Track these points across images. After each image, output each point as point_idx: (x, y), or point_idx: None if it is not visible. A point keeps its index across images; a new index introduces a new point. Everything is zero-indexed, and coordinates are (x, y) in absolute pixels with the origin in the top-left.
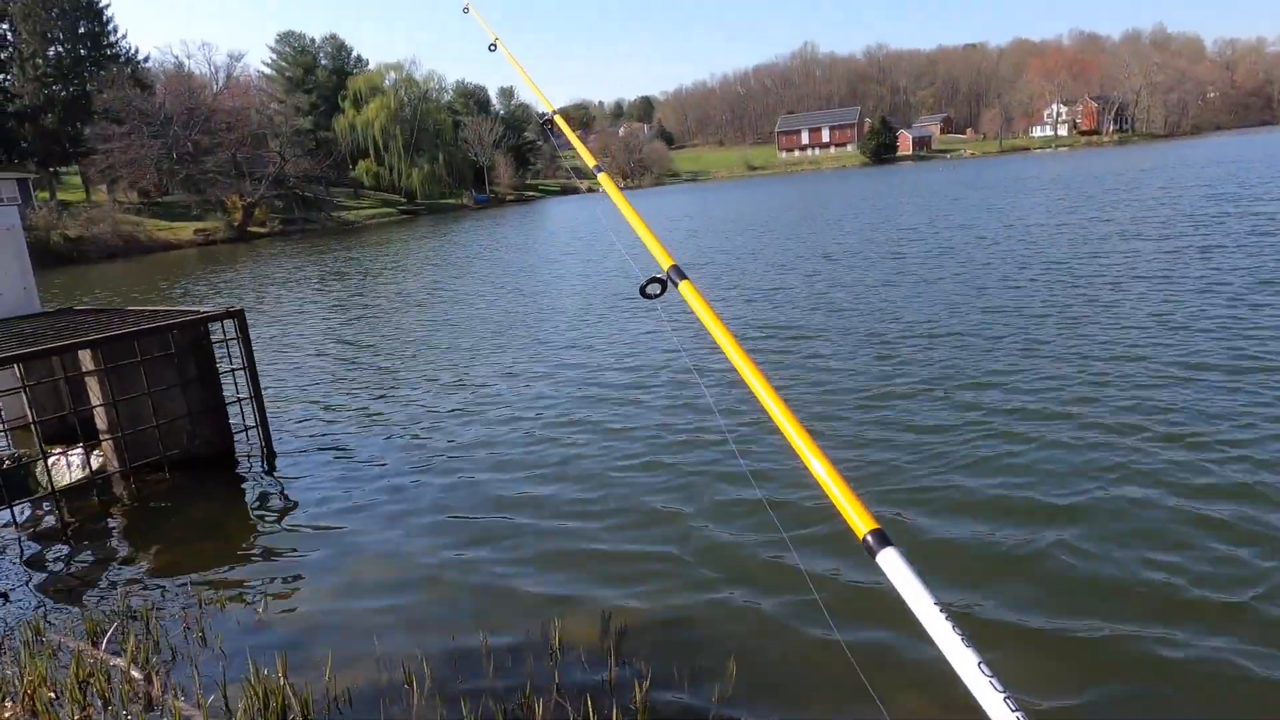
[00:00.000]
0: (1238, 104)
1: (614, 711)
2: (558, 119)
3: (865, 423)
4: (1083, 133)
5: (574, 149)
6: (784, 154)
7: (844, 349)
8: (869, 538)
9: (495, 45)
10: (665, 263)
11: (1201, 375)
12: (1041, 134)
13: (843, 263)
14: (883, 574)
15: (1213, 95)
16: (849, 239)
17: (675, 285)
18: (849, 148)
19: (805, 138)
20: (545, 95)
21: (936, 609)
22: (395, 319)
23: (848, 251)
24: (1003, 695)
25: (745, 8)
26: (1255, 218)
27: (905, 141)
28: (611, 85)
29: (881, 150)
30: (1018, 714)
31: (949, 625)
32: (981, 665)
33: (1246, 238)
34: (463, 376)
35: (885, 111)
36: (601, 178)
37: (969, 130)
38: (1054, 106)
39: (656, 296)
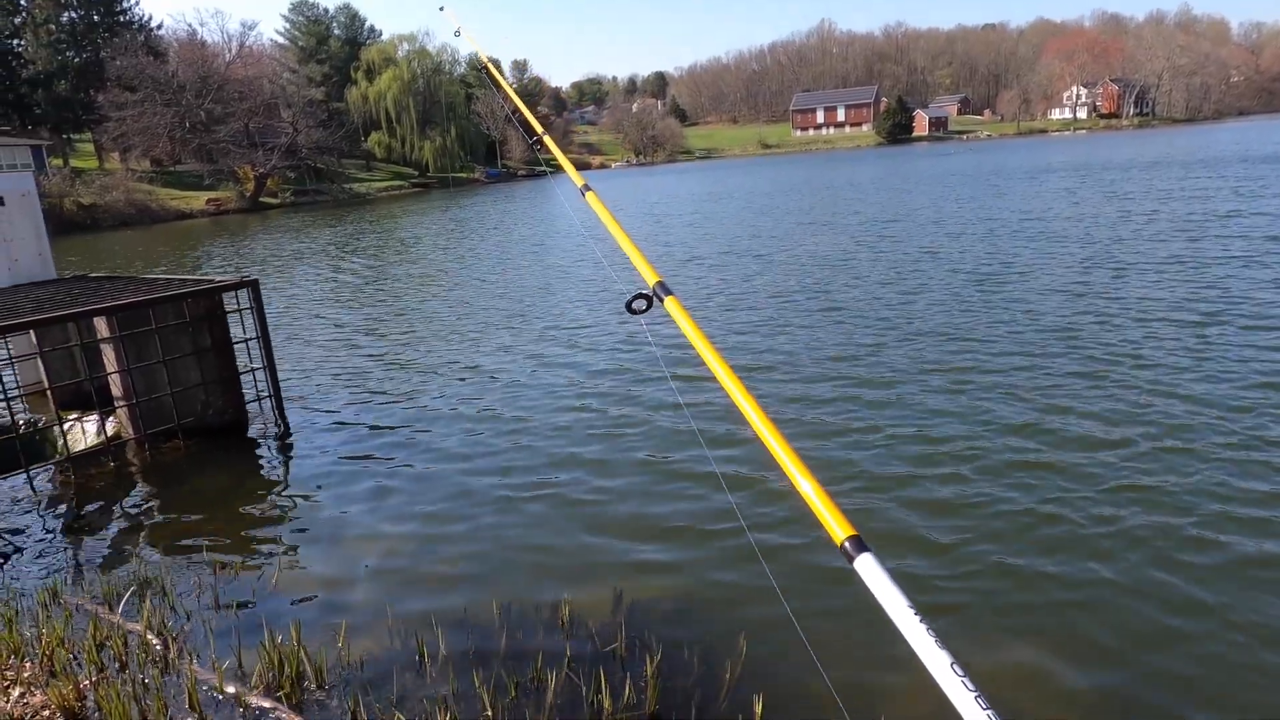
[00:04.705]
0: (1262, 89)
1: (625, 684)
2: (547, 140)
3: (842, 429)
4: (1102, 116)
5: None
6: (798, 132)
7: (825, 356)
8: (846, 544)
9: (485, 69)
10: (651, 279)
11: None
12: (1060, 116)
13: (844, 263)
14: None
15: (1237, 79)
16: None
17: (661, 301)
18: (865, 127)
19: (820, 116)
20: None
21: (911, 611)
22: (409, 293)
23: (857, 247)
24: (974, 694)
25: None
26: None
27: (921, 122)
28: (626, 60)
29: (897, 130)
30: (988, 712)
31: (923, 627)
32: (954, 665)
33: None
34: (478, 352)
35: (902, 91)
36: (589, 197)
37: (986, 112)
38: (1074, 89)
39: (643, 312)
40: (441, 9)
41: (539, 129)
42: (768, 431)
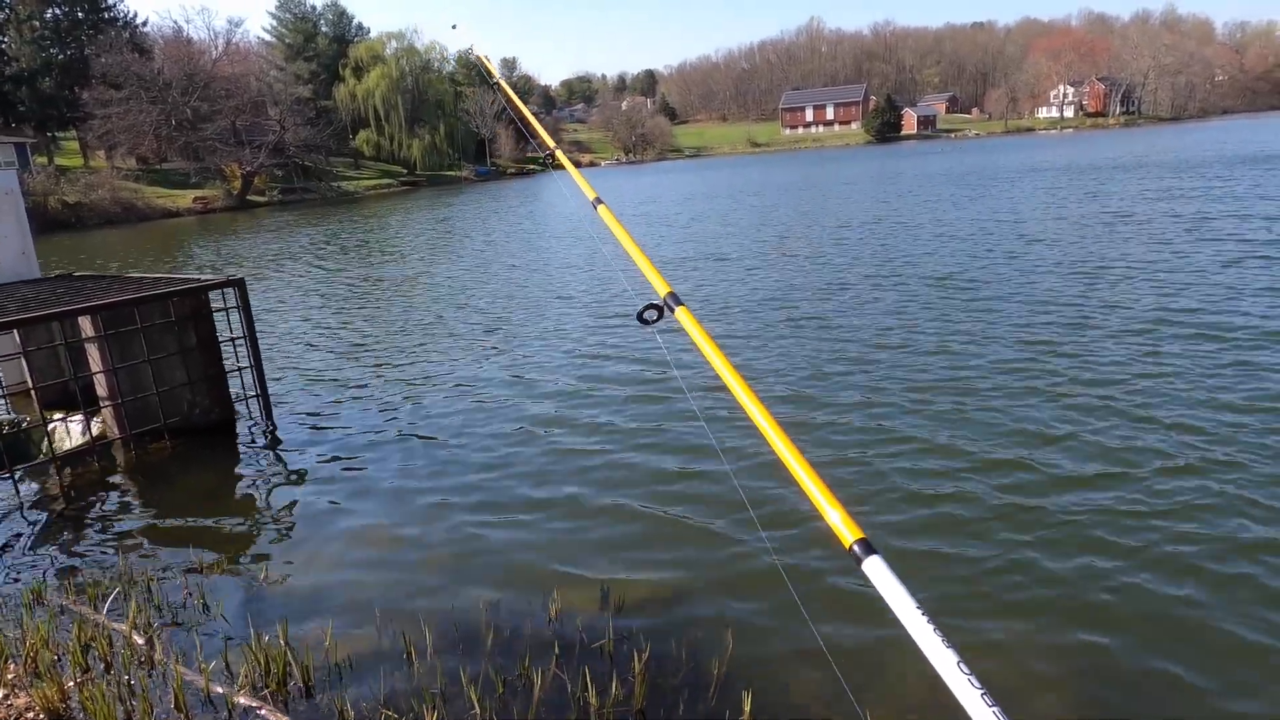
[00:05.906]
0: (1246, 88)
1: (613, 682)
2: (559, 154)
3: (850, 430)
4: (1089, 115)
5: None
6: (787, 131)
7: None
8: (855, 547)
9: (498, 85)
10: (662, 289)
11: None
12: (1047, 115)
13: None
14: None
15: (1221, 79)
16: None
17: (672, 311)
18: (853, 126)
19: (809, 115)
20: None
21: (919, 612)
22: (395, 292)
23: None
24: (980, 692)
25: None
26: None
27: (910, 120)
28: (615, 58)
29: (886, 129)
30: (994, 709)
31: (930, 627)
32: (960, 664)
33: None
34: (467, 353)
35: (891, 89)
36: (601, 210)
37: (974, 110)
38: (1060, 88)
39: (654, 322)
40: (454, 27)
41: (551, 144)
42: (778, 437)
